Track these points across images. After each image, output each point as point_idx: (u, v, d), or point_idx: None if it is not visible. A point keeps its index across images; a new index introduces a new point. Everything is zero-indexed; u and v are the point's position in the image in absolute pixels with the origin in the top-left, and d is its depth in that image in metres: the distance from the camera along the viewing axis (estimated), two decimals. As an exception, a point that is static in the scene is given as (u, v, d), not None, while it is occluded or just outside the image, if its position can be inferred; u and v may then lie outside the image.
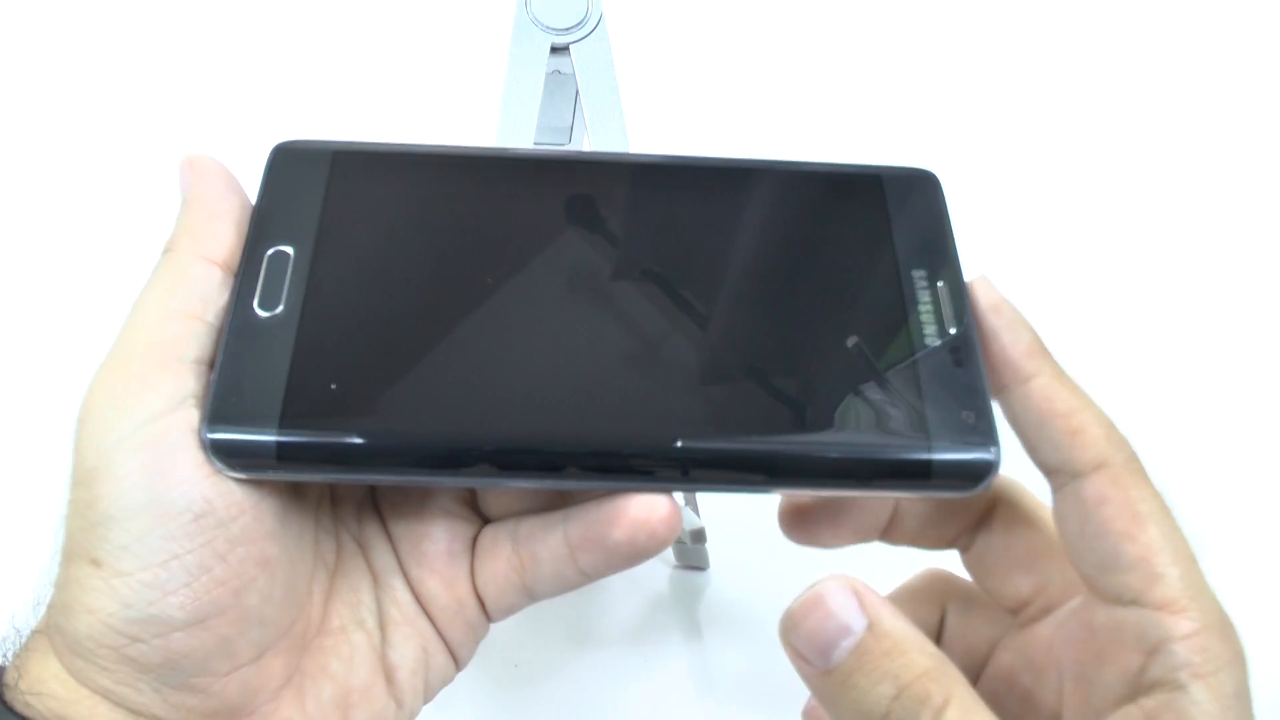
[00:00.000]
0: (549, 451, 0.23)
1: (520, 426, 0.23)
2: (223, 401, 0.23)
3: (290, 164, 0.26)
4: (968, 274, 0.26)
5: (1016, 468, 0.25)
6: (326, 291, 0.25)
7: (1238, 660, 0.22)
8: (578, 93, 0.35)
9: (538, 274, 0.26)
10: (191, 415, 0.23)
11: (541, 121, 0.34)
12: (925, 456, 0.24)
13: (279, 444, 0.23)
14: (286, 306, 0.24)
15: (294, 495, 0.25)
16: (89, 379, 0.23)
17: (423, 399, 0.24)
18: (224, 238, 0.25)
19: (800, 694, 0.30)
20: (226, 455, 0.23)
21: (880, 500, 0.28)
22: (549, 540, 0.25)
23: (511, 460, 0.23)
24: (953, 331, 0.25)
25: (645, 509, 0.24)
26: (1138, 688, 0.23)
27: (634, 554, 0.24)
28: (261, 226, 0.25)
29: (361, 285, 0.25)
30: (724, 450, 0.24)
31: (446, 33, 0.60)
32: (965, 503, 0.28)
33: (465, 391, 0.24)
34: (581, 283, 0.26)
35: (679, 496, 0.41)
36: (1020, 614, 0.28)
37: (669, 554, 0.43)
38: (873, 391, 0.24)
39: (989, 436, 0.24)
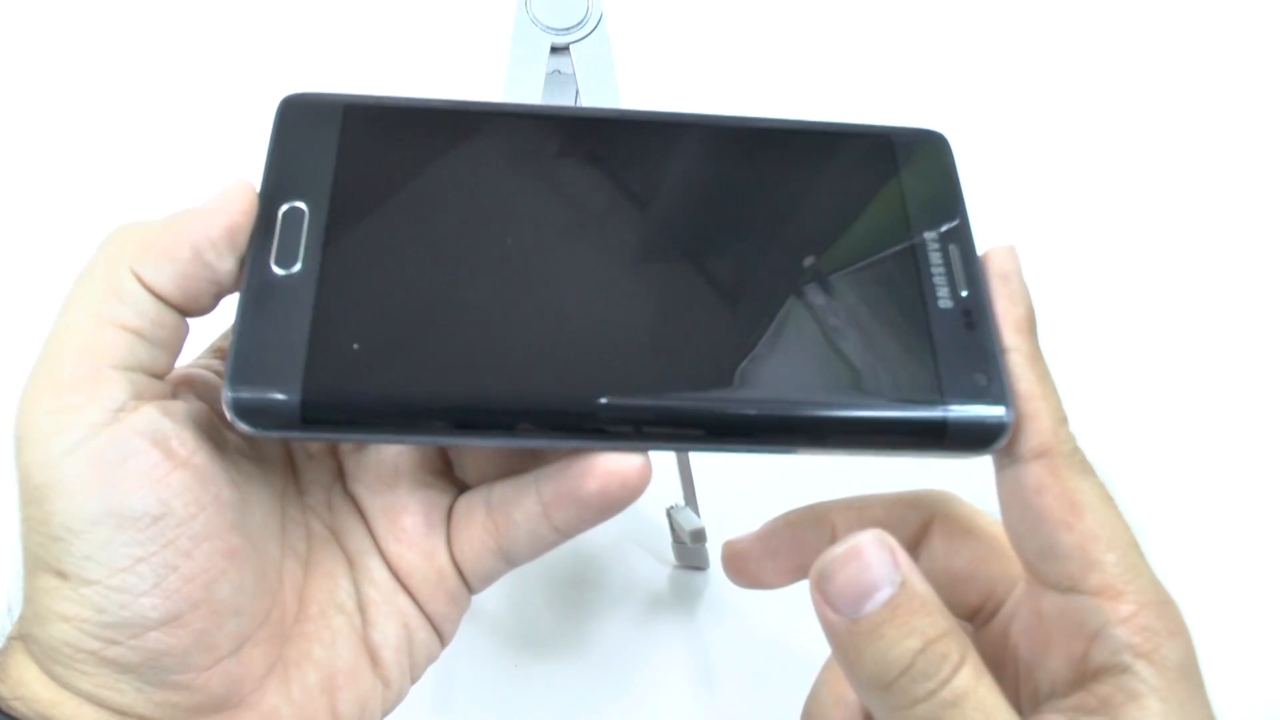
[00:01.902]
0: (582, 412, 0.23)
1: (553, 385, 0.23)
2: (244, 361, 0.22)
3: (300, 117, 0.26)
4: (981, 239, 0.26)
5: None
6: (344, 248, 0.24)
7: (1179, 635, 0.23)
8: (578, 93, 0.35)
9: (557, 230, 0.25)
10: (132, 419, 0.22)
11: (542, 121, 0.34)
12: (941, 416, 0.24)
13: (303, 404, 0.22)
14: (304, 264, 0.24)
15: (253, 485, 0.25)
16: (20, 393, 0.23)
17: (449, 357, 0.23)
18: (171, 276, 0.23)
19: (800, 694, 0.31)
20: (249, 415, 0.22)
21: (814, 529, 0.29)
22: (522, 501, 0.26)
23: (546, 420, 0.23)
24: (964, 294, 0.25)
25: (618, 461, 0.24)
26: (1084, 673, 0.23)
27: (607, 505, 0.24)
28: (274, 183, 0.25)
29: (379, 241, 0.24)
30: (747, 412, 0.24)
31: (447, 33, 0.60)
32: (903, 520, 0.29)
33: (492, 350, 0.24)
34: (600, 240, 0.26)
35: (681, 498, 0.41)
36: (975, 619, 0.28)
37: (669, 554, 0.43)
38: (887, 354, 0.24)
39: (1001, 398, 0.24)
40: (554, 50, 0.35)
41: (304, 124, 0.25)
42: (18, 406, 0.22)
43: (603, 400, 0.23)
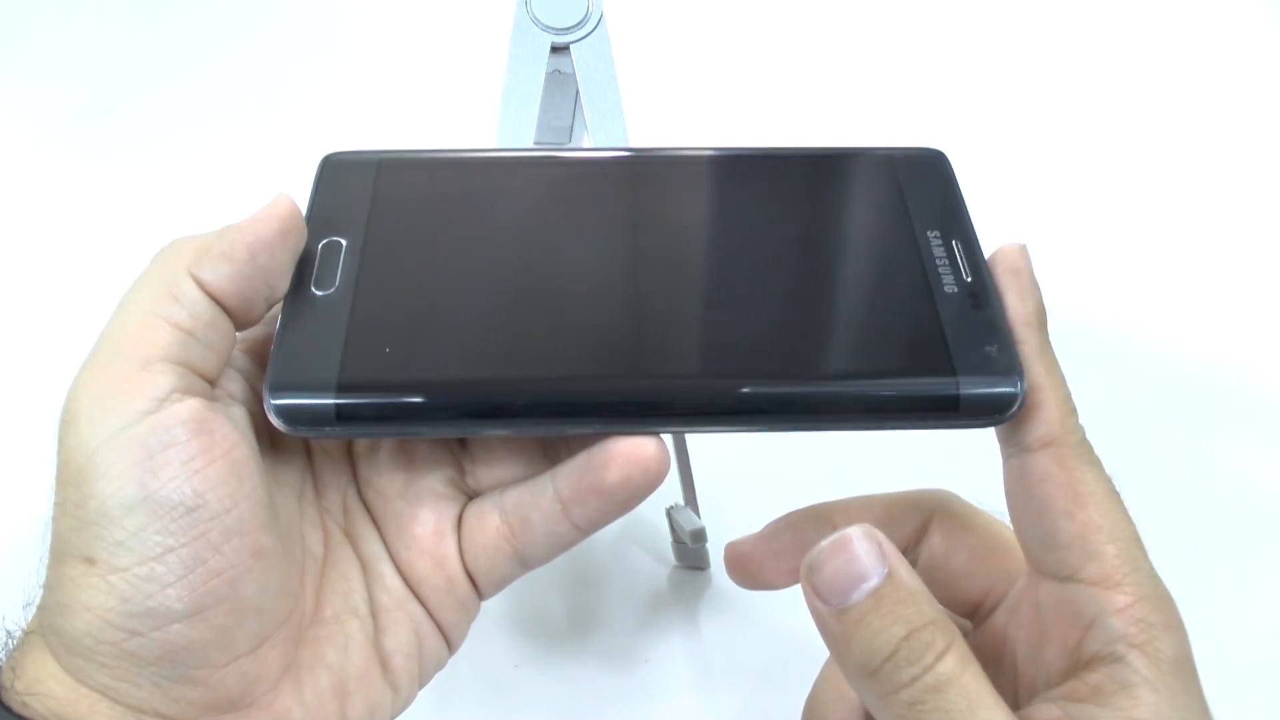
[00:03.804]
0: (587, 399, 0.25)
1: (556, 377, 0.25)
2: (284, 367, 0.25)
3: (338, 171, 0.29)
4: (987, 240, 0.28)
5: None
6: (377, 272, 0.27)
7: (1174, 629, 0.23)
8: (578, 92, 0.35)
9: (563, 250, 0.28)
10: (176, 409, 0.23)
11: (542, 121, 0.34)
12: (954, 386, 0.25)
13: (339, 399, 0.24)
14: (341, 285, 0.26)
15: (279, 488, 0.25)
16: (71, 381, 0.23)
17: (466, 355, 0.26)
18: (229, 276, 0.24)
19: (801, 692, 0.31)
20: (289, 418, 0.24)
21: (816, 529, 0.29)
22: (539, 501, 0.26)
23: (545, 408, 0.25)
24: (969, 280, 0.27)
25: (636, 446, 0.25)
26: (1077, 662, 0.24)
27: (630, 495, 0.25)
28: (315, 223, 0.27)
29: (407, 265, 0.27)
30: (780, 390, 0.25)
31: (447, 33, 0.60)
32: (903, 518, 0.29)
33: (505, 346, 0.26)
34: (612, 253, 0.28)
35: (681, 496, 0.41)
36: (974, 616, 0.28)
37: (669, 554, 0.43)
38: (901, 336, 0.26)
39: (1012, 368, 0.25)
40: (554, 50, 0.35)
41: (341, 177, 0.29)
42: (67, 394, 0.23)
43: (611, 382, 0.25)
